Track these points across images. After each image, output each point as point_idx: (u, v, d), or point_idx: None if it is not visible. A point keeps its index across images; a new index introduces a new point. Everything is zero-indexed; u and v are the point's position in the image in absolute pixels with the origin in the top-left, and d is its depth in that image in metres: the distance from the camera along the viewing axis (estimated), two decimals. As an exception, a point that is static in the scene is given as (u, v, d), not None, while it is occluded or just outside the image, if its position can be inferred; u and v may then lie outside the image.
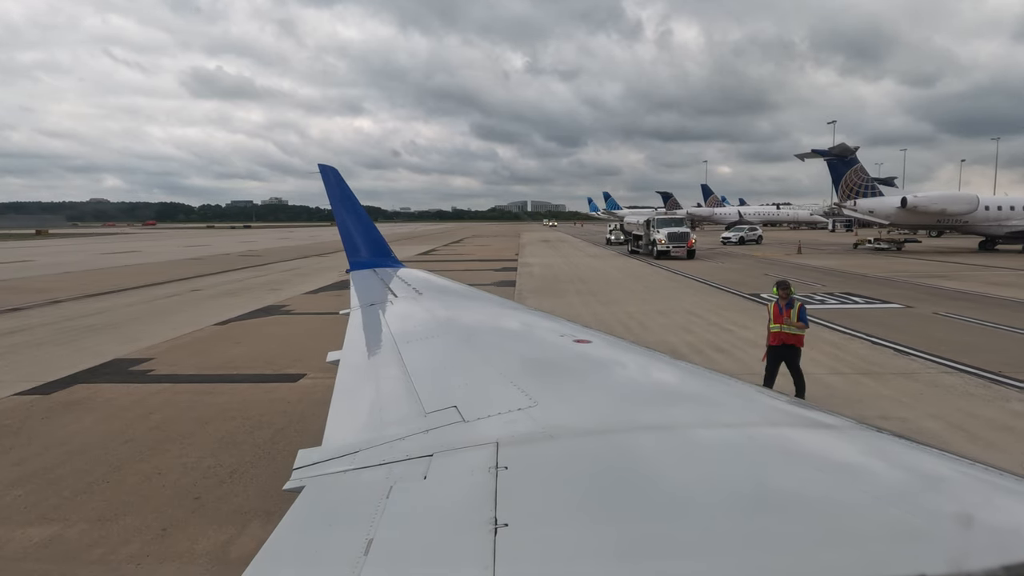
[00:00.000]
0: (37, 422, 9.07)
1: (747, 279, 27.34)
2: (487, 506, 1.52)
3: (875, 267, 32.68)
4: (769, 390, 2.48)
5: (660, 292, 23.27)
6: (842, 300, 20.51)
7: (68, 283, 28.07)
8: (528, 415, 2.14)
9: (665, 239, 39.16)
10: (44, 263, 40.43)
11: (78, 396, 10.35)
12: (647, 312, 18.47)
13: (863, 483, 1.61)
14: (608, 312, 18.63)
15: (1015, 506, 1.51)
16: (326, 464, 2.05)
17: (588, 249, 53.78)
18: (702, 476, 1.67)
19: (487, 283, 27.12)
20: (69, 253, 52.17)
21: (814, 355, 12.46)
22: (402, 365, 3.09)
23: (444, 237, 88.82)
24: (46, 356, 13.39)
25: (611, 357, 3.14)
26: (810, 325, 9.09)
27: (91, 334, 15.90)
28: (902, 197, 40.83)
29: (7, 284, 28.03)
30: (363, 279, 6.86)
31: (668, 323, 16.58)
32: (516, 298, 21.81)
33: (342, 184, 8.29)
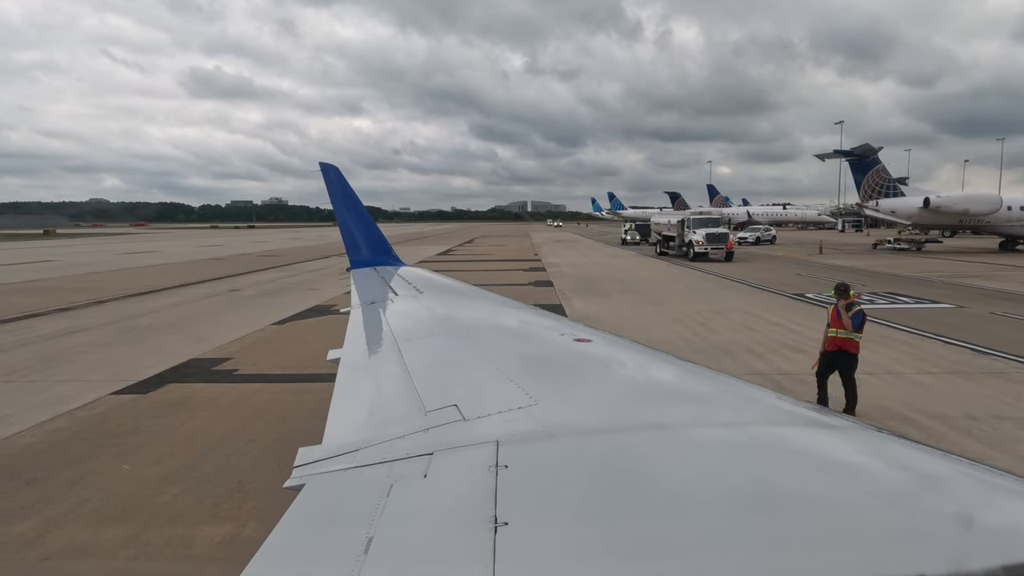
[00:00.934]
0: (150, 421, 9.07)
1: (784, 279, 27.38)
2: (487, 505, 1.53)
3: (905, 267, 32.76)
4: (768, 390, 2.48)
5: (703, 292, 23.31)
6: (891, 300, 20.57)
7: (103, 283, 28.04)
8: (528, 414, 2.14)
9: (703, 240, 37.34)
10: (67, 263, 40.35)
11: (176, 396, 10.36)
12: (701, 312, 18.50)
13: (863, 483, 1.61)
14: (661, 312, 18.66)
15: (1015, 506, 1.52)
16: (326, 462, 2.06)
17: (605, 249, 53.81)
18: (703, 475, 1.68)
19: (523, 283, 27.18)
20: (88, 253, 52.08)
21: (894, 355, 12.53)
22: (402, 363, 3.10)
23: (454, 237, 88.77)
24: (120, 356, 13.38)
25: (612, 356, 3.15)
26: (863, 333, 8.83)
27: (153, 334, 15.90)
28: (925, 197, 40.93)
29: (42, 284, 27.98)
30: (364, 277, 6.87)
31: (729, 323, 16.60)
32: (559, 298, 21.87)
33: (343, 182, 8.29)
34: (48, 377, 11.61)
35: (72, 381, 11.31)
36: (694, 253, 37.59)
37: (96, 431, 8.68)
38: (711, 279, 28.05)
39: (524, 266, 36.76)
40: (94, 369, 12.23)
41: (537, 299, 21.91)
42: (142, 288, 25.88)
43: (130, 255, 49.28)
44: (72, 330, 16.52)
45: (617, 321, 17.08)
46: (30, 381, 11.35)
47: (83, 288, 25.91)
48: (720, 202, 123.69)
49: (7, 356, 13.39)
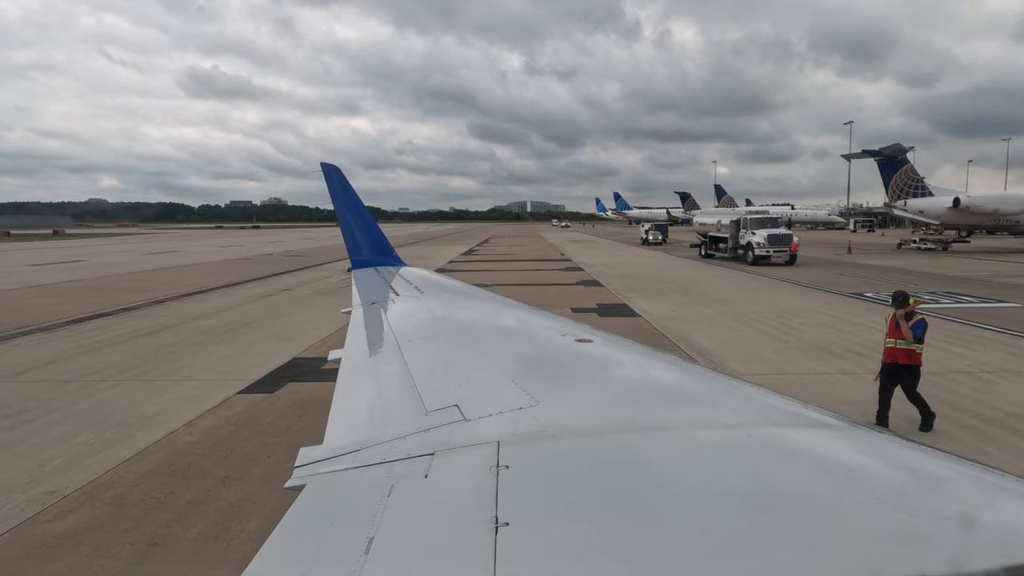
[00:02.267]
0: (297, 419, 9.07)
1: (828, 279, 27.42)
2: (488, 505, 1.53)
3: (945, 267, 32.85)
4: (769, 390, 2.47)
5: (760, 292, 23.32)
6: (954, 300, 20.62)
7: (149, 283, 27.98)
8: (530, 414, 2.14)
9: (764, 242, 33.94)
10: (98, 263, 40.23)
11: (303, 395, 10.34)
12: (773, 311, 18.52)
13: (864, 484, 1.62)
14: (733, 312, 18.65)
15: (1016, 507, 1.52)
16: (327, 462, 2.06)
17: (630, 249, 53.87)
18: (704, 476, 1.69)
19: (570, 283, 27.21)
20: (114, 253, 51.93)
21: (993, 356, 12.56)
22: (403, 364, 3.10)
23: (466, 237, 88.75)
24: (218, 355, 13.36)
25: (613, 356, 3.15)
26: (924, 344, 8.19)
27: (234, 333, 15.86)
28: (954, 197, 41.06)
29: (89, 284, 27.89)
30: (365, 278, 6.85)
31: (810, 322, 16.62)
32: (620, 298, 21.88)
33: (344, 183, 8.29)
34: (163, 376, 11.59)
35: (190, 380, 11.29)
36: (754, 256, 34.25)
37: (252, 429, 8.67)
38: (757, 279, 28.07)
39: (559, 266, 36.78)
40: (203, 368, 12.21)
41: (599, 299, 21.93)
42: (191, 288, 25.83)
43: (156, 255, 49.17)
44: (150, 329, 16.47)
45: (695, 320, 17.09)
46: (147, 380, 11.32)
47: (132, 288, 25.84)
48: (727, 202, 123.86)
49: (106, 355, 13.35)
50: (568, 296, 22.89)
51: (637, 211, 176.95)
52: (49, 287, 26.47)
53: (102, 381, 11.24)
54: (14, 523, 6.07)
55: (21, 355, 13.49)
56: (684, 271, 32.46)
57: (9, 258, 45.91)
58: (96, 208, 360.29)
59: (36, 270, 34.83)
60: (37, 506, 6.41)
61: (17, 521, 6.11)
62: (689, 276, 29.69)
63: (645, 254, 46.75)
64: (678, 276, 29.69)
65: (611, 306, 20.19)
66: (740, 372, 11.29)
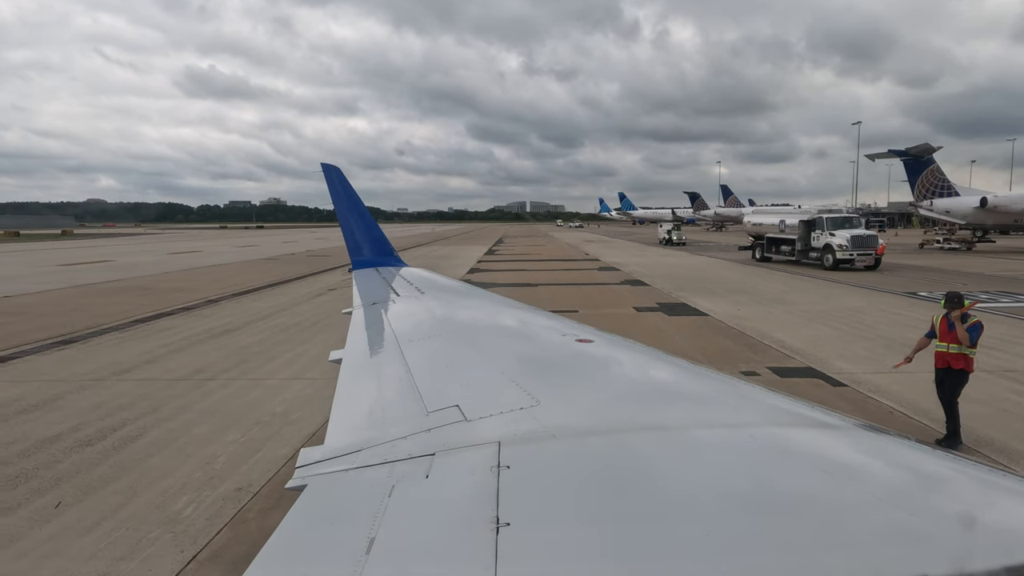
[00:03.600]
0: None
1: (873, 279, 27.48)
2: (489, 505, 1.53)
3: (977, 265, 32.96)
4: (769, 390, 2.49)
5: (810, 291, 23.37)
6: (1015, 299, 20.70)
7: (192, 283, 27.94)
8: (530, 414, 2.15)
9: (847, 244, 30.49)
10: (126, 263, 40.12)
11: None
12: (839, 310, 18.56)
13: (865, 483, 1.63)
14: (799, 311, 18.69)
15: (1017, 507, 1.53)
16: (328, 463, 2.06)
17: (653, 249, 53.95)
18: (705, 476, 1.69)
19: (614, 282, 27.23)
20: (136, 253, 51.78)
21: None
22: (404, 364, 3.10)
23: (477, 237, 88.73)
24: (311, 353, 13.34)
25: (614, 357, 3.16)
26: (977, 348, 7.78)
27: (312, 331, 15.85)
28: (982, 197, 41.20)
29: (130, 284, 27.83)
30: (366, 278, 6.84)
31: (882, 320, 16.66)
32: (678, 298, 21.91)
33: (345, 183, 8.29)
34: (269, 375, 11.61)
35: (299, 379, 11.31)
36: (835, 260, 30.75)
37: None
38: (801, 279, 28.12)
39: (591, 266, 36.81)
40: (304, 367, 12.21)
41: (655, 299, 21.93)
42: (235, 287, 25.80)
43: (178, 255, 49.07)
44: (223, 329, 16.45)
45: (766, 319, 17.11)
46: (255, 379, 11.33)
47: (178, 288, 25.78)
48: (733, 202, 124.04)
49: (198, 354, 13.34)
50: (619, 295, 22.91)
51: (642, 211, 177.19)
52: (94, 287, 26.40)
53: (211, 380, 11.24)
54: (225, 520, 6.08)
55: (112, 354, 13.47)
56: (722, 271, 32.50)
57: (36, 258, 45.78)
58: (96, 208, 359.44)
59: (70, 270, 34.72)
60: (235, 504, 6.41)
61: (227, 518, 6.12)
62: (730, 276, 29.74)
63: (671, 254, 46.79)
64: (719, 276, 29.73)
65: (672, 305, 20.20)
66: (849, 371, 11.33)
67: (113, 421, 8.99)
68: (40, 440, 8.23)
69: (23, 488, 6.81)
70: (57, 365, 12.59)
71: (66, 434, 8.46)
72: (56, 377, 11.56)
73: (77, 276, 30.90)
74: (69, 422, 8.94)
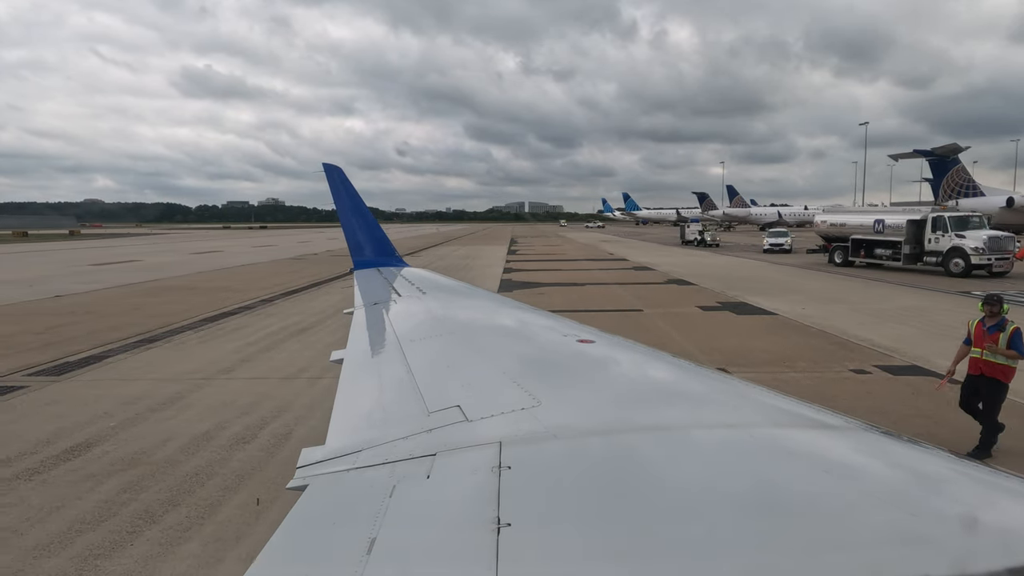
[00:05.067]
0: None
1: (916, 278, 27.58)
2: (490, 506, 1.53)
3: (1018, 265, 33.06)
4: (772, 391, 2.48)
5: (859, 290, 23.46)
6: (1069, 297, 20.79)
7: (234, 282, 27.91)
8: (532, 415, 2.15)
9: (983, 246, 27.14)
10: (154, 263, 40.02)
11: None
12: (899, 309, 18.64)
13: (867, 484, 1.63)
14: (861, 310, 18.76)
15: (1019, 507, 1.53)
16: (329, 463, 2.07)
17: (678, 249, 53.94)
18: (707, 477, 1.69)
19: (657, 281, 27.27)
20: (159, 253, 51.62)
21: None
22: (405, 364, 3.10)
23: (487, 238, 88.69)
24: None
25: (615, 357, 3.17)
26: None
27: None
28: (1008, 197, 41.42)
29: (173, 284, 27.78)
30: (367, 278, 6.85)
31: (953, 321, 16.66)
32: (730, 297, 21.96)
33: (346, 183, 8.30)
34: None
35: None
36: (967, 266, 27.35)
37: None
38: (842, 277, 28.22)
39: (623, 265, 36.88)
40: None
41: (715, 298, 21.97)
42: (281, 287, 25.80)
43: (201, 255, 48.98)
44: (298, 328, 16.43)
45: (838, 318, 17.16)
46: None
47: (223, 287, 25.75)
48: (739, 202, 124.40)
49: (296, 353, 13.34)
50: (672, 295, 22.95)
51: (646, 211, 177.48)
52: (138, 287, 26.33)
53: (319, 379, 11.22)
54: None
55: (204, 353, 13.46)
56: (757, 271, 32.58)
57: (62, 258, 45.65)
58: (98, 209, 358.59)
59: (104, 270, 34.64)
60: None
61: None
62: (769, 275, 29.81)
63: (696, 254, 46.90)
64: (758, 275, 29.79)
65: (734, 304, 20.24)
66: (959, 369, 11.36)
67: (252, 419, 9.00)
68: (194, 438, 8.23)
69: (211, 486, 6.82)
70: (155, 364, 12.58)
71: (214, 432, 8.46)
72: (163, 376, 11.55)
73: (115, 276, 30.82)
74: (209, 420, 8.94)
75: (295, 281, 28.02)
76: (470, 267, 36.34)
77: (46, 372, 11.93)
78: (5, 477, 7.04)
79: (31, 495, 6.58)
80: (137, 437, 8.31)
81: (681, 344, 14.04)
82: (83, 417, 9.12)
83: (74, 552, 5.51)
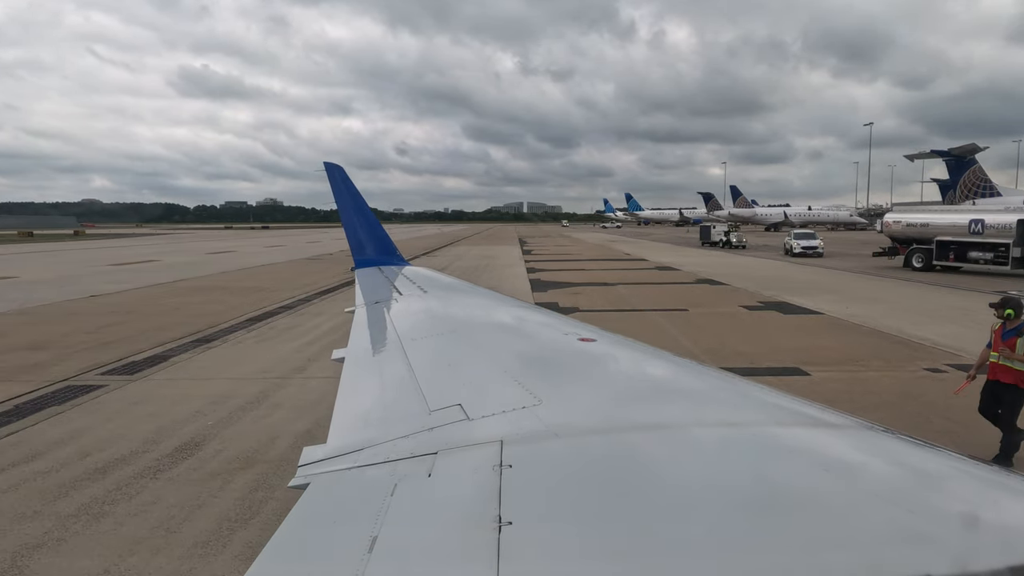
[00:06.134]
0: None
1: (948, 279, 27.66)
2: (491, 504, 1.53)
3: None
4: (776, 390, 2.46)
5: (894, 290, 23.49)
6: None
7: (262, 282, 27.86)
8: (533, 413, 2.14)
9: None
10: (173, 263, 39.93)
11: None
12: (947, 309, 18.70)
13: (870, 483, 1.63)
14: (912, 309, 18.80)
15: (1021, 506, 1.53)
16: (330, 461, 2.07)
17: (688, 249, 54.07)
18: (708, 476, 1.68)
19: (687, 281, 27.30)
20: (174, 253, 51.45)
21: None
22: (407, 363, 3.09)
23: (494, 238, 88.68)
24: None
25: (617, 355, 3.16)
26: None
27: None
28: (1025, 197, 41.41)
29: (201, 284, 27.72)
30: (368, 277, 6.85)
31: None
32: (767, 296, 21.99)
33: (348, 182, 8.32)
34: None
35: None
36: None
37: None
38: (867, 278, 28.27)
39: (644, 265, 36.95)
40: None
41: (755, 298, 21.98)
42: (313, 288, 25.71)
43: (217, 255, 48.89)
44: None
45: (886, 318, 17.20)
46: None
47: (255, 287, 25.69)
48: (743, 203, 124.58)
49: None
50: (708, 295, 22.97)
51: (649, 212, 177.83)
52: (168, 287, 26.28)
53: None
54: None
55: (268, 353, 13.44)
56: (781, 270, 32.65)
57: (81, 257, 45.58)
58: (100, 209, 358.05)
59: (126, 270, 34.56)
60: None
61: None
62: (796, 275, 29.86)
63: (713, 254, 46.96)
64: (785, 275, 29.84)
65: (776, 304, 20.26)
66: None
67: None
68: (299, 436, 8.22)
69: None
70: (222, 364, 12.57)
71: (316, 430, 8.43)
72: (237, 375, 11.53)
73: (140, 276, 30.74)
74: (307, 418, 8.93)
75: (323, 281, 27.97)
76: (490, 267, 36.33)
77: (116, 372, 11.92)
78: (130, 475, 7.04)
79: (165, 494, 6.57)
80: (241, 436, 8.30)
81: (741, 345, 14.06)
82: (178, 416, 9.11)
83: (234, 551, 5.50)
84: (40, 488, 6.74)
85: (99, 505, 6.34)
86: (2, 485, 6.82)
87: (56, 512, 6.20)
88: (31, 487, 6.77)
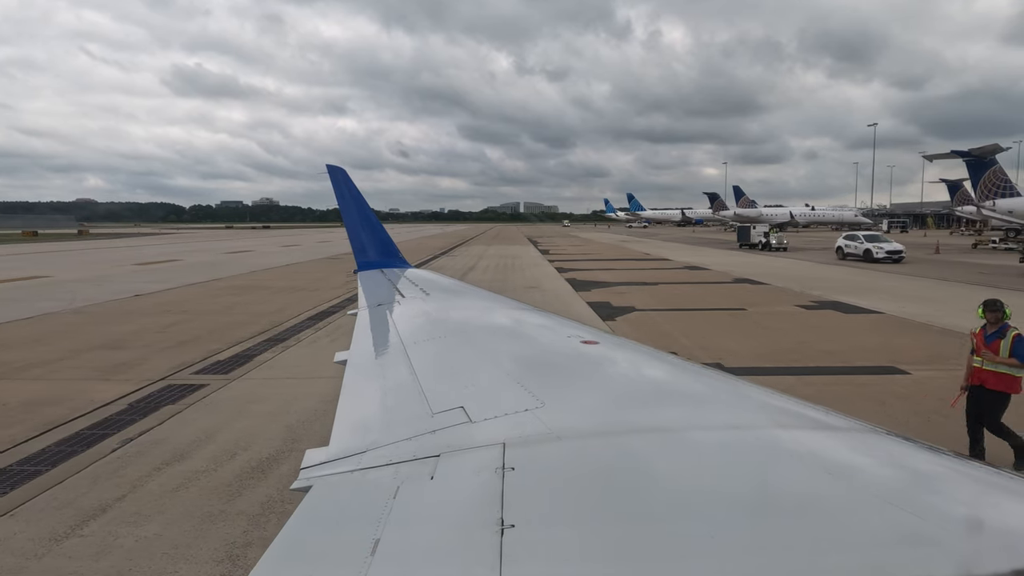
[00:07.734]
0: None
1: (971, 277, 27.74)
2: (494, 507, 1.54)
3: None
4: (780, 393, 2.45)
5: (938, 289, 23.54)
6: None
7: (296, 281, 27.76)
8: (535, 416, 2.16)
9: None
10: (196, 263, 39.71)
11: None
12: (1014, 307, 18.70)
13: (872, 485, 1.64)
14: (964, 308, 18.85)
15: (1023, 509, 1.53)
16: (333, 464, 2.08)
17: (707, 248, 54.10)
18: (711, 478, 1.69)
19: (728, 281, 27.31)
20: (193, 253, 51.06)
21: None
22: (409, 365, 3.11)
23: (502, 238, 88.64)
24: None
25: (619, 358, 3.17)
26: None
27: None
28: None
29: (239, 283, 27.56)
30: (371, 280, 6.87)
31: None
32: (820, 296, 22.02)
33: (350, 184, 8.33)
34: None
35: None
36: None
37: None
38: (902, 278, 28.34)
39: (671, 265, 37.00)
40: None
41: (807, 298, 22.01)
42: (352, 287, 25.60)
43: (237, 254, 48.69)
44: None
45: (948, 318, 17.23)
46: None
47: (292, 287, 25.59)
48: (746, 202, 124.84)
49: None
50: (753, 294, 22.97)
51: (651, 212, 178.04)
52: (207, 286, 26.15)
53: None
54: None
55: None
56: (816, 271, 32.69)
57: (102, 257, 45.29)
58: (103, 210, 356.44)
59: (155, 269, 34.39)
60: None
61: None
62: (832, 275, 29.88)
63: (738, 254, 47.03)
64: (822, 275, 29.85)
65: (831, 303, 20.23)
66: None
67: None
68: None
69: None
70: (309, 362, 12.53)
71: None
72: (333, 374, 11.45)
73: (173, 275, 30.58)
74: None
75: (359, 280, 27.85)
76: (516, 266, 36.32)
77: (208, 371, 11.85)
78: (290, 473, 6.98)
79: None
80: (378, 435, 8.25)
81: (820, 343, 14.06)
82: (302, 416, 9.08)
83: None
84: (210, 487, 6.70)
85: (280, 504, 6.30)
86: (173, 484, 6.78)
87: (240, 511, 6.17)
88: (201, 486, 6.73)
